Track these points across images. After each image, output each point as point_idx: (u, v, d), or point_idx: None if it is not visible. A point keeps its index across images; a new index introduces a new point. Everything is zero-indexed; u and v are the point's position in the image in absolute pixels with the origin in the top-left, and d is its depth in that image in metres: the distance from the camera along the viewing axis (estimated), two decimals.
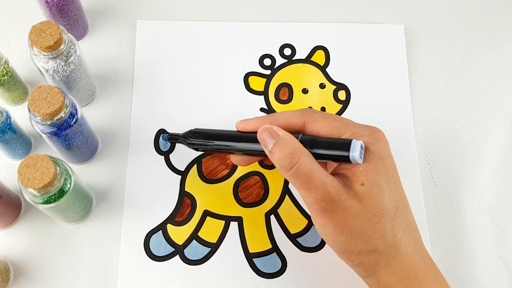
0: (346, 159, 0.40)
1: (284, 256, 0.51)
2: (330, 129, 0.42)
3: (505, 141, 0.57)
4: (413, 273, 0.40)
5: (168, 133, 0.55)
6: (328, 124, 0.42)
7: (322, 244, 0.52)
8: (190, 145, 0.48)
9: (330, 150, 0.40)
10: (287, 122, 0.43)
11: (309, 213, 0.53)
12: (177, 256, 0.51)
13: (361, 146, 0.39)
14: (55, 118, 0.44)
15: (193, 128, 0.49)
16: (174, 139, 0.52)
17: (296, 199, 0.53)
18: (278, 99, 0.58)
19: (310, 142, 0.41)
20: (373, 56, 0.60)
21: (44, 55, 0.47)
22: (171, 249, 0.51)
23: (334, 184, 0.39)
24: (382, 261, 0.40)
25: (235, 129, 0.46)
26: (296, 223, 0.53)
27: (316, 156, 0.40)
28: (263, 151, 0.42)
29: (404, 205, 0.41)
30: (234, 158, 0.48)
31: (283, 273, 0.51)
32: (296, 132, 0.42)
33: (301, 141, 0.41)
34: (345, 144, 0.40)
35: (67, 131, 0.46)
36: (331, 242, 0.41)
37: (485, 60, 0.61)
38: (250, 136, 0.44)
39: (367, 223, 0.39)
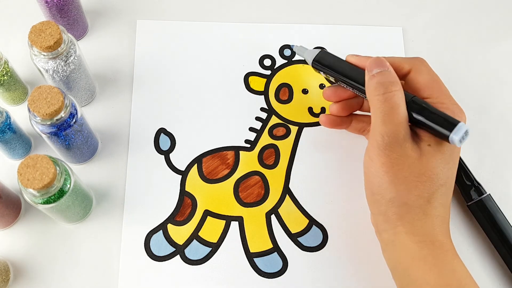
0: (443, 136, 0.40)
1: (285, 256, 0.51)
2: (429, 89, 0.44)
3: (505, 141, 0.57)
4: (430, 240, 0.41)
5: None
6: (430, 85, 0.44)
7: (323, 243, 0.52)
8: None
9: (433, 123, 0.41)
10: (395, 64, 0.45)
11: (309, 211, 0.53)
12: (178, 256, 0.51)
13: (466, 132, 0.39)
14: (55, 118, 0.44)
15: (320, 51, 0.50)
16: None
17: (296, 199, 0.53)
18: (278, 99, 0.58)
19: (419, 101, 0.42)
20: None
21: (44, 55, 0.47)
22: (171, 249, 0.51)
23: (407, 130, 0.41)
24: (407, 217, 0.41)
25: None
26: (297, 223, 0.52)
27: (418, 114, 0.42)
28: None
29: (449, 187, 0.43)
30: (322, 119, 0.52)
31: (284, 272, 0.51)
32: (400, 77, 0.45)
33: (414, 100, 0.42)
34: (451, 124, 0.40)
35: (67, 131, 0.46)
36: (370, 179, 0.43)
37: (483, 61, 0.61)
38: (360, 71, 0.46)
39: (413, 177, 0.40)
